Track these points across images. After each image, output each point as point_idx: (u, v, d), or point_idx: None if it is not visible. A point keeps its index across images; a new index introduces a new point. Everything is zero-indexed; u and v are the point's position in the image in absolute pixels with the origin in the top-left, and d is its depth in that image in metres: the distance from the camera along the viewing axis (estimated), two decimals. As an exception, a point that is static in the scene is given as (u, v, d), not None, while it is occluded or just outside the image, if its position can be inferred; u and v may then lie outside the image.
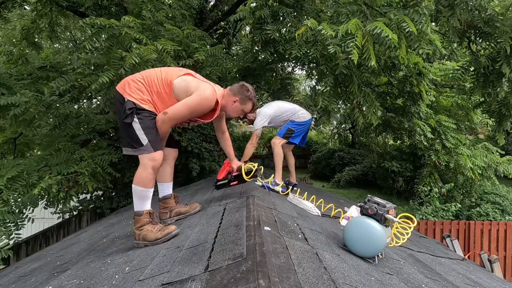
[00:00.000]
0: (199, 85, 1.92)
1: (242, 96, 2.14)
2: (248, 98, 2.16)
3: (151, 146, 1.79)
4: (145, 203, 1.81)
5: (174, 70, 1.96)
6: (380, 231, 1.53)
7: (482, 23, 3.73)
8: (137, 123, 1.78)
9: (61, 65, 4.89)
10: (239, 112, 2.20)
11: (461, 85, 6.37)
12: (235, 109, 2.17)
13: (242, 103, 2.16)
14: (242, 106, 2.16)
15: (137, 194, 1.80)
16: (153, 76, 1.89)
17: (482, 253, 4.76)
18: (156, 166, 1.82)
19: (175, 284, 1.10)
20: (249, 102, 2.17)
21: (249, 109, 2.21)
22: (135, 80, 1.86)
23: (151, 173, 1.80)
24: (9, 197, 3.58)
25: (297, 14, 4.54)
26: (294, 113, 3.59)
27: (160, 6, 4.47)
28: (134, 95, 1.82)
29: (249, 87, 2.17)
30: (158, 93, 1.86)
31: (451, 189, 8.05)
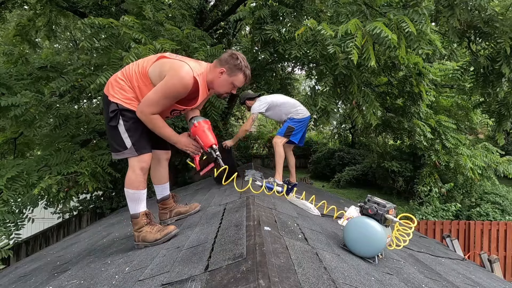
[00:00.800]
0: (171, 65, 1.69)
1: (230, 65, 1.80)
2: (237, 68, 1.81)
3: (135, 150, 1.73)
4: (139, 205, 1.77)
5: (148, 58, 1.81)
6: (380, 231, 1.53)
7: (482, 23, 3.74)
8: (122, 125, 1.72)
9: (61, 65, 4.89)
10: (228, 85, 1.85)
11: (461, 85, 6.38)
12: (223, 83, 1.83)
13: (231, 73, 1.81)
14: (231, 78, 1.82)
15: (129, 197, 1.76)
16: (132, 70, 1.77)
17: (482, 253, 4.76)
18: (145, 167, 1.76)
19: (175, 284, 1.10)
20: (239, 73, 1.82)
21: (241, 81, 1.86)
22: (117, 79, 1.77)
23: (140, 175, 1.74)
24: (9, 197, 3.58)
25: (297, 14, 4.55)
26: (294, 107, 3.57)
27: (160, 6, 4.47)
28: (117, 95, 1.73)
29: (239, 56, 1.82)
30: (139, 88, 1.74)
31: (451, 189, 8.05)
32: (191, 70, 1.69)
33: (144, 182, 1.76)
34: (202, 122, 1.87)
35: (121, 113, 1.72)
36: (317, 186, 12.00)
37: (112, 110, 1.72)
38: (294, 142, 3.62)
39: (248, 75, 1.88)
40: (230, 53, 1.83)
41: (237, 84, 1.86)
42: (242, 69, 1.83)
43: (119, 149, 1.73)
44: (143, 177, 1.76)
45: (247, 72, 1.87)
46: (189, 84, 1.69)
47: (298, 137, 3.59)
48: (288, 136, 3.50)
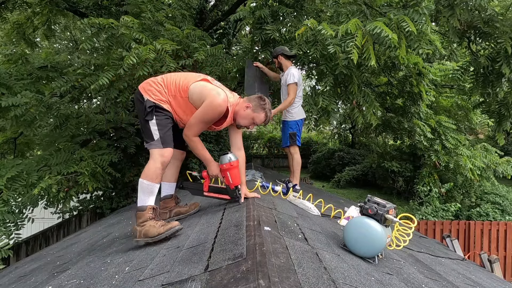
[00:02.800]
0: (211, 91, 1.94)
1: (256, 103, 2.07)
2: (262, 108, 2.07)
3: (161, 142, 1.88)
4: (149, 198, 1.83)
5: (192, 76, 2.04)
6: (380, 231, 1.53)
7: (481, 23, 3.73)
8: (154, 120, 1.91)
9: (61, 65, 4.89)
10: (249, 119, 2.08)
11: (461, 85, 6.37)
12: (246, 116, 2.07)
13: (255, 110, 2.07)
14: (253, 114, 2.06)
15: (143, 188, 1.83)
16: (172, 80, 2.00)
17: (482, 253, 4.76)
18: (165, 162, 1.89)
19: (175, 284, 1.10)
20: (262, 112, 2.07)
21: (261, 120, 2.08)
22: (156, 82, 1.98)
23: (159, 168, 1.85)
24: (9, 197, 3.58)
25: (297, 14, 4.54)
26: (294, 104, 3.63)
27: (160, 6, 4.46)
28: (153, 96, 1.94)
29: (266, 100, 2.10)
30: (174, 97, 1.97)
31: (450, 189, 8.05)
32: (227, 100, 1.98)
33: (160, 176, 1.88)
34: (236, 161, 2.04)
35: (156, 110, 1.93)
36: (317, 186, 12.00)
37: (150, 106, 1.92)
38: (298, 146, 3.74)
39: (268, 117, 2.11)
40: (259, 95, 2.13)
41: (257, 121, 2.09)
42: (265, 110, 2.09)
43: (148, 140, 1.91)
44: (162, 171, 1.88)
45: (269, 115, 2.12)
46: (223, 111, 1.97)
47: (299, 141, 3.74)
48: (295, 141, 3.68)
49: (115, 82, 3.59)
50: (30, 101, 3.83)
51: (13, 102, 3.72)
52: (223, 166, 2.00)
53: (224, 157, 2.02)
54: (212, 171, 2.08)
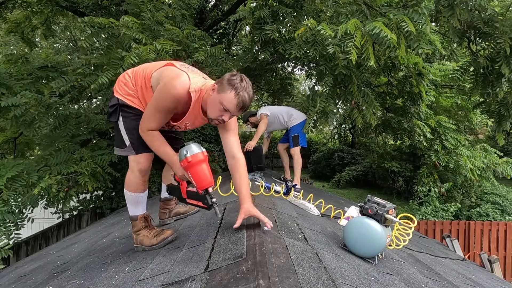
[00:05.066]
0: (169, 73, 1.53)
1: (223, 80, 1.49)
2: (229, 84, 1.46)
3: (133, 148, 1.65)
4: (138, 208, 1.74)
5: (158, 63, 1.69)
6: (380, 231, 1.53)
7: (481, 23, 3.74)
8: (121, 122, 1.66)
9: (61, 65, 4.89)
10: (217, 106, 1.49)
11: (461, 85, 6.37)
12: (212, 102, 1.51)
13: (220, 90, 1.47)
14: (219, 95, 1.47)
15: (128, 199, 1.73)
16: (141, 69, 1.71)
17: (482, 253, 4.76)
18: (143, 169, 1.68)
19: (175, 284, 1.10)
20: (229, 90, 1.45)
21: (230, 101, 1.45)
22: (125, 74, 1.73)
23: (138, 176, 1.67)
24: (9, 197, 3.58)
25: (297, 14, 4.54)
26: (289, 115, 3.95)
27: (160, 6, 4.46)
28: (120, 90, 1.68)
29: (240, 75, 1.51)
30: (141, 87, 1.65)
31: (450, 189, 8.05)
32: (188, 82, 1.50)
33: (143, 184, 1.71)
34: (196, 155, 1.45)
35: (121, 109, 1.65)
36: (317, 186, 11.99)
37: (112, 105, 1.66)
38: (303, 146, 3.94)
39: (242, 98, 1.46)
40: (232, 72, 1.56)
41: (226, 104, 1.46)
42: (235, 86, 1.45)
43: (120, 145, 1.68)
44: (142, 179, 1.69)
45: (242, 94, 1.45)
46: (180, 96, 1.49)
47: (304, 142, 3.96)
48: (298, 143, 3.89)
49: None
50: (30, 101, 3.83)
51: (13, 102, 3.72)
52: (181, 164, 1.48)
53: (181, 152, 1.48)
54: (177, 171, 1.57)
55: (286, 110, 4.01)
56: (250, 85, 1.52)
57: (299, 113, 3.98)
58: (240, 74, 1.53)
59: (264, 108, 4.02)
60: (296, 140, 3.87)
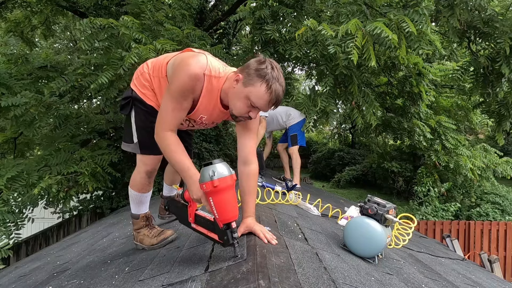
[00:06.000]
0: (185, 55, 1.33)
1: (249, 70, 1.23)
2: (258, 75, 1.21)
3: (139, 147, 1.56)
4: (141, 207, 1.72)
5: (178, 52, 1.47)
6: (380, 231, 1.53)
7: (481, 24, 3.74)
8: (133, 117, 1.55)
9: (61, 65, 4.89)
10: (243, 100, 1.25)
11: (461, 85, 6.37)
12: (236, 95, 1.26)
13: (247, 82, 1.23)
14: (246, 89, 1.23)
15: (132, 197, 1.71)
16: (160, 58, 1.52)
17: (482, 253, 4.76)
18: (150, 171, 1.61)
19: (175, 285, 1.10)
20: (258, 82, 1.21)
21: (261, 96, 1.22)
22: (144, 64, 1.58)
23: (144, 178, 1.62)
24: (9, 197, 3.58)
25: (297, 14, 4.54)
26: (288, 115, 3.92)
27: (160, 6, 4.46)
28: (136, 82, 1.55)
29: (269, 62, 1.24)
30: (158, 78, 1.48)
31: (450, 189, 8.06)
32: (205, 64, 1.28)
33: (148, 185, 1.67)
34: (225, 179, 1.14)
35: (134, 103, 1.53)
36: (317, 186, 12.00)
37: (125, 97, 1.55)
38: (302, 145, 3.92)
39: (276, 93, 1.22)
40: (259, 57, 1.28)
41: (255, 100, 1.23)
42: (266, 78, 1.20)
43: (127, 140, 1.60)
44: (148, 180, 1.65)
45: (275, 87, 1.21)
46: (196, 76, 1.26)
47: (303, 141, 3.94)
48: (296, 143, 3.86)
49: (115, 82, 3.60)
50: (30, 101, 3.83)
51: (13, 102, 3.72)
52: (202, 186, 1.16)
53: (204, 171, 1.15)
54: (193, 192, 1.24)
55: (285, 110, 3.99)
56: (281, 72, 1.26)
57: (298, 112, 3.98)
58: (269, 59, 1.26)
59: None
60: (294, 139, 3.86)
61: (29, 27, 6.46)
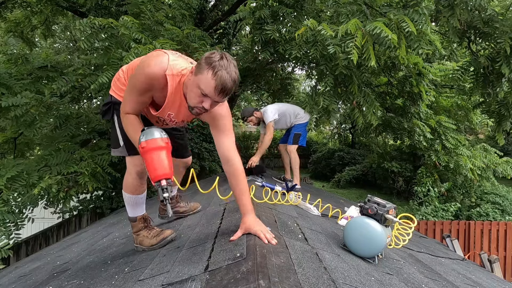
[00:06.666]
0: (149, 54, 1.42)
1: (200, 61, 1.28)
2: (206, 63, 1.25)
3: (126, 149, 1.57)
4: (137, 209, 1.70)
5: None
6: (380, 231, 1.53)
7: (481, 24, 3.74)
8: (116, 121, 1.58)
9: (61, 65, 4.89)
10: (195, 91, 1.29)
11: (461, 85, 6.38)
12: (190, 87, 1.32)
13: (197, 72, 1.28)
14: (196, 78, 1.28)
15: (126, 200, 1.68)
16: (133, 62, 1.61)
17: (482, 253, 4.76)
18: (140, 171, 1.59)
19: (175, 284, 1.10)
20: (206, 70, 1.24)
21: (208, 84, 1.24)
22: (120, 70, 1.63)
23: (136, 179, 1.61)
24: (9, 197, 3.58)
25: (297, 14, 4.54)
26: (295, 114, 3.85)
27: (160, 6, 4.46)
28: (114, 87, 1.59)
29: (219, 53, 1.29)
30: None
31: (450, 189, 8.06)
32: (166, 63, 1.33)
33: (141, 186, 1.66)
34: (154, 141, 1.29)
35: (114, 107, 1.57)
36: (317, 186, 12.00)
37: (106, 103, 1.59)
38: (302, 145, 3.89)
39: (221, 79, 1.24)
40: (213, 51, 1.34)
41: (204, 87, 1.26)
42: (212, 65, 1.23)
43: (114, 145, 1.62)
44: (140, 181, 1.63)
45: (221, 74, 1.23)
46: (154, 76, 1.32)
47: (304, 141, 3.90)
48: (297, 142, 3.83)
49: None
50: (30, 101, 3.83)
51: (13, 102, 3.72)
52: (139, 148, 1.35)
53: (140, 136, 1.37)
54: None
55: (294, 109, 3.90)
56: (233, 64, 1.29)
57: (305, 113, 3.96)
58: (222, 52, 1.31)
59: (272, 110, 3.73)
60: (296, 139, 3.83)
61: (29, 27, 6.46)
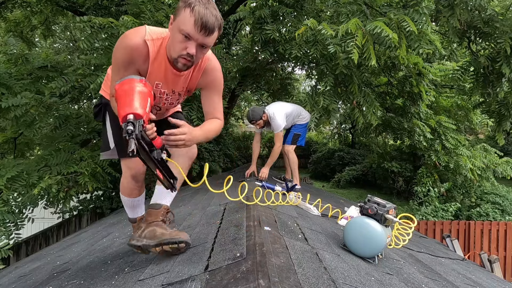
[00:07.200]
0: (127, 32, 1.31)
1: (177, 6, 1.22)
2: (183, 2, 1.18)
3: (117, 151, 1.50)
4: (136, 211, 1.65)
5: None
6: (380, 231, 1.53)
7: (481, 23, 3.74)
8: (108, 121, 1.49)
9: (61, 65, 4.89)
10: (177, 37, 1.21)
11: (461, 85, 6.38)
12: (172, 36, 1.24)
13: (175, 16, 1.21)
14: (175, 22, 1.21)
15: (124, 203, 1.64)
16: None
17: (482, 253, 4.76)
18: (136, 175, 1.50)
19: (175, 284, 1.10)
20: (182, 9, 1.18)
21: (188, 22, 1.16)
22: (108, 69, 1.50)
23: (131, 182, 1.53)
24: (9, 197, 3.58)
25: (297, 14, 4.54)
26: (298, 115, 3.80)
27: (160, 6, 4.46)
28: (104, 87, 1.50)
29: None
30: None
31: (450, 189, 8.06)
32: (144, 31, 1.26)
33: (137, 189, 1.58)
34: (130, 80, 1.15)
35: (105, 108, 1.49)
36: (317, 186, 12.00)
37: (97, 105, 1.52)
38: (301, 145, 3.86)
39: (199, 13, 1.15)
40: None
41: (184, 27, 1.17)
42: (189, 2, 1.16)
43: (104, 148, 1.54)
44: (136, 185, 1.56)
45: (198, 8, 1.15)
46: (133, 46, 1.24)
47: (303, 141, 3.85)
48: (296, 142, 3.78)
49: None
50: (30, 101, 3.83)
51: (13, 102, 3.72)
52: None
53: None
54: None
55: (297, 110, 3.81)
56: (213, 5, 1.21)
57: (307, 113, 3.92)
58: None
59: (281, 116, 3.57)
60: (295, 138, 3.79)
61: (29, 27, 6.46)
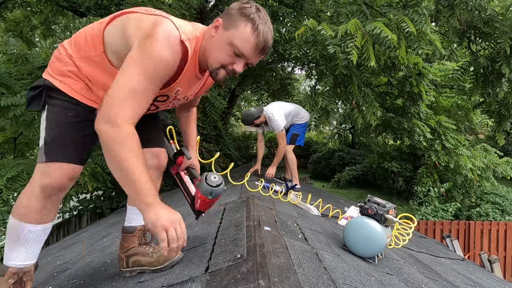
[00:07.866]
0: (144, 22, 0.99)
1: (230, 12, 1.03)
2: (241, 14, 1.00)
3: (44, 151, 1.07)
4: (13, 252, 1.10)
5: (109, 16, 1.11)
6: (380, 231, 1.53)
7: (481, 24, 3.74)
8: (44, 112, 1.08)
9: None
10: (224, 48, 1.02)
11: (461, 85, 6.38)
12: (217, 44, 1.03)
13: (228, 25, 1.01)
14: (227, 33, 1.01)
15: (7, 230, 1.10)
16: (82, 34, 1.10)
17: (482, 253, 4.76)
18: (50, 187, 1.06)
19: (175, 286, 1.10)
20: (241, 22, 1.00)
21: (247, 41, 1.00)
22: (59, 47, 1.12)
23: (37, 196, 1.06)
24: (9, 197, 3.58)
25: (297, 14, 4.55)
26: (297, 114, 3.81)
27: (160, 6, 4.46)
28: (51, 69, 1.09)
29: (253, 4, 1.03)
30: (86, 58, 1.06)
31: (450, 189, 8.06)
32: (176, 30, 0.98)
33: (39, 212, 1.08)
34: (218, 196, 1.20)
35: (48, 94, 1.07)
36: (317, 186, 12.00)
37: (33, 87, 1.09)
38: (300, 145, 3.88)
39: (264, 36, 1.00)
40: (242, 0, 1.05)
41: (240, 45, 1.00)
42: (251, 17, 0.99)
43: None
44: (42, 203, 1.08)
45: (262, 29, 1.00)
46: (176, 52, 0.98)
47: (302, 141, 3.86)
48: (294, 142, 3.78)
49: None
50: (30, 101, 3.83)
51: (12, 101, 3.72)
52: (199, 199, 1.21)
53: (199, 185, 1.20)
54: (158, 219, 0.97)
55: (296, 109, 3.83)
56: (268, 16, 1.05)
57: (306, 113, 3.93)
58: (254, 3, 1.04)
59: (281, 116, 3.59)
60: (294, 138, 3.79)
61: (29, 27, 6.46)
